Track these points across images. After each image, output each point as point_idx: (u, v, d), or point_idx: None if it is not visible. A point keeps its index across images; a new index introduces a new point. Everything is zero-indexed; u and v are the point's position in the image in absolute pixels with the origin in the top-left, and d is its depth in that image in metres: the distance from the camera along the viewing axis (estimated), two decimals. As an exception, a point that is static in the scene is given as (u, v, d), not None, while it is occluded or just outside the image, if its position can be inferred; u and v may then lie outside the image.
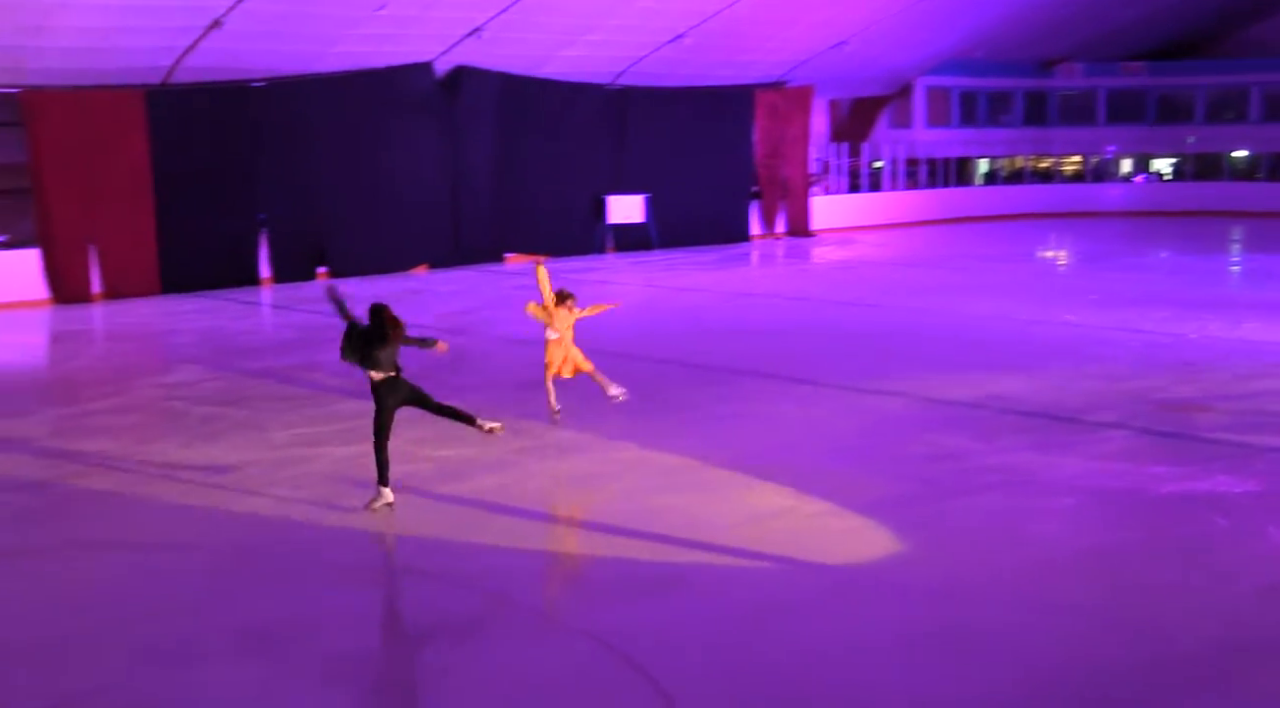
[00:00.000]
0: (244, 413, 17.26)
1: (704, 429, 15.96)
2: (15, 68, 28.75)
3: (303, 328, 25.52)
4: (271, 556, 11.45)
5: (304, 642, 9.30)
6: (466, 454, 14.70)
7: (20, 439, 16.22)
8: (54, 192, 29.88)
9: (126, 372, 21.70)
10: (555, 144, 37.68)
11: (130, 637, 9.53)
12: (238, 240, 32.66)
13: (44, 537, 12.13)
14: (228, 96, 31.98)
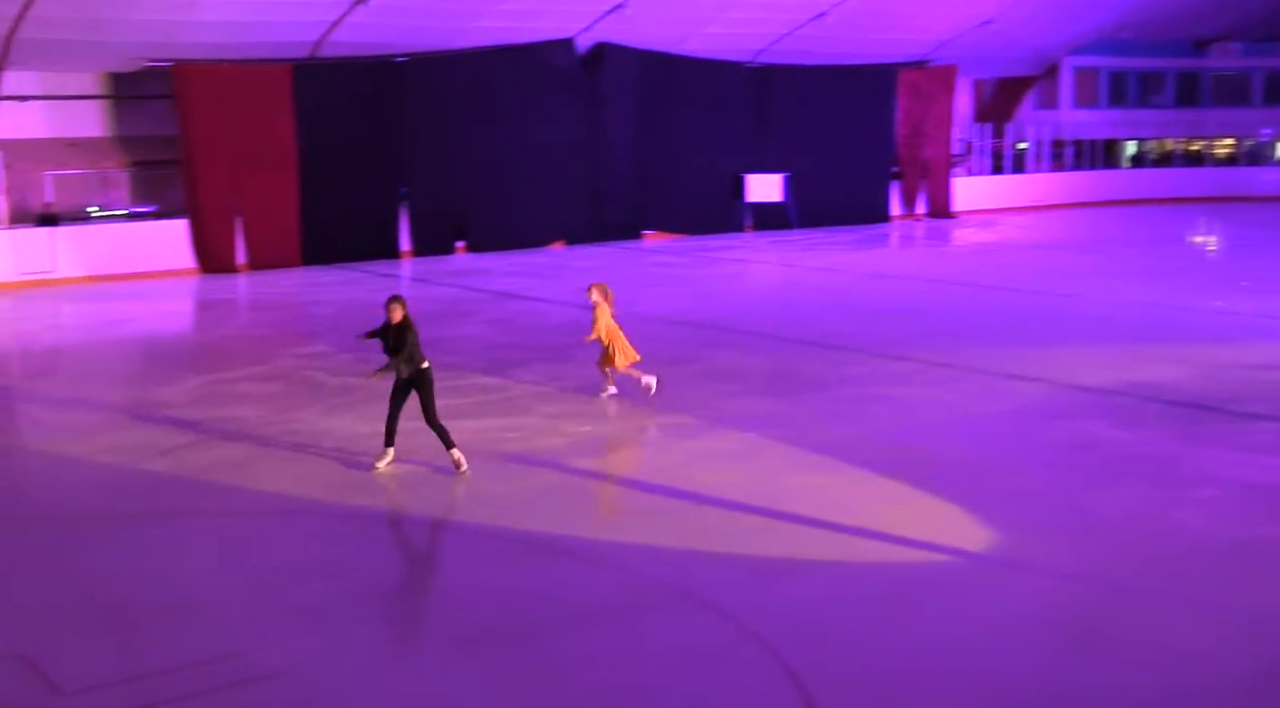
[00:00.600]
0: (381, 385, 17.40)
1: (837, 411, 15.78)
2: (167, 41, 29.38)
3: (441, 301, 25.73)
4: (406, 525, 11.54)
5: (441, 614, 9.35)
6: (601, 431, 14.70)
7: (166, 404, 16.58)
8: (202, 163, 30.52)
9: (268, 341, 22.09)
10: (694, 122, 37.52)
11: (267, 600, 9.67)
12: (379, 213, 33.08)
13: (184, 501, 12.36)
14: (371, 71, 32.37)
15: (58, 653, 8.69)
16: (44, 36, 27.94)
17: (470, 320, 23.14)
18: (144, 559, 10.73)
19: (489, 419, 15.27)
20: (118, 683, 8.28)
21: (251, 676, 8.36)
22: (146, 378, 19.63)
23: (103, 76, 31.76)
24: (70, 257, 29.40)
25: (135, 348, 22.40)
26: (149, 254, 30.43)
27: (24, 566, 10.74)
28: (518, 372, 18.20)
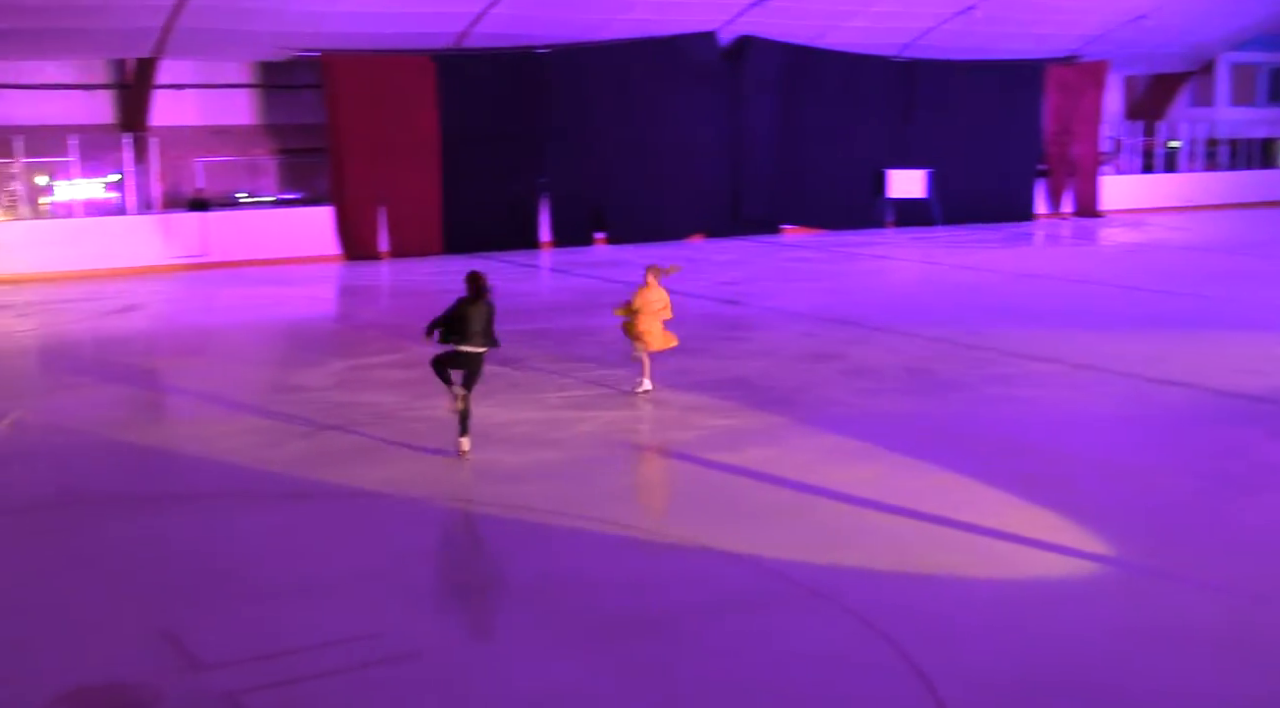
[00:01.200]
0: (519, 373, 17.55)
1: (973, 411, 15.50)
2: (316, 32, 29.90)
3: (580, 291, 25.85)
4: (538, 513, 11.58)
5: (575, 602, 9.36)
6: (734, 425, 14.63)
7: (307, 388, 16.87)
8: (348, 152, 31.03)
9: (408, 328, 22.33)
10: (837, 116, 37.18)
11: (405, 583, 9.76)
12: (519, 203, 33.35)
13: (322, 483, 12.54)
14: (514, 62, 32.62)
15: (198, 629, 8.86)
16: (199, 26, 28.59)
17: (608, 312, 23.12)
18: (282, 539, 10.91)
19: (621, 411, 15.28)
20: (256, 659, 8.42)
21: (388, 656, 8.44)
22: (289, 361, 20.00)
23: (254, 66, 32.45)
24: (219, 241, 30.08)
25: (279, 332, 22.84)
26: (295, 240, 31.02)
27: (168, 542, 10.98)
28: (652, 363, 18.16)
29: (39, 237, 28.97)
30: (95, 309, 24.47)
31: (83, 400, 16.29)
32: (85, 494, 12.26)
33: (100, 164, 30.36)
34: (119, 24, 28.24)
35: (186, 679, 8.10)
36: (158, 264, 29.30)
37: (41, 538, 11.13)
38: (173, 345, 21.43)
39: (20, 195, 29.51)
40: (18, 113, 30.10)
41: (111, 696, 7.93)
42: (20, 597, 9.68)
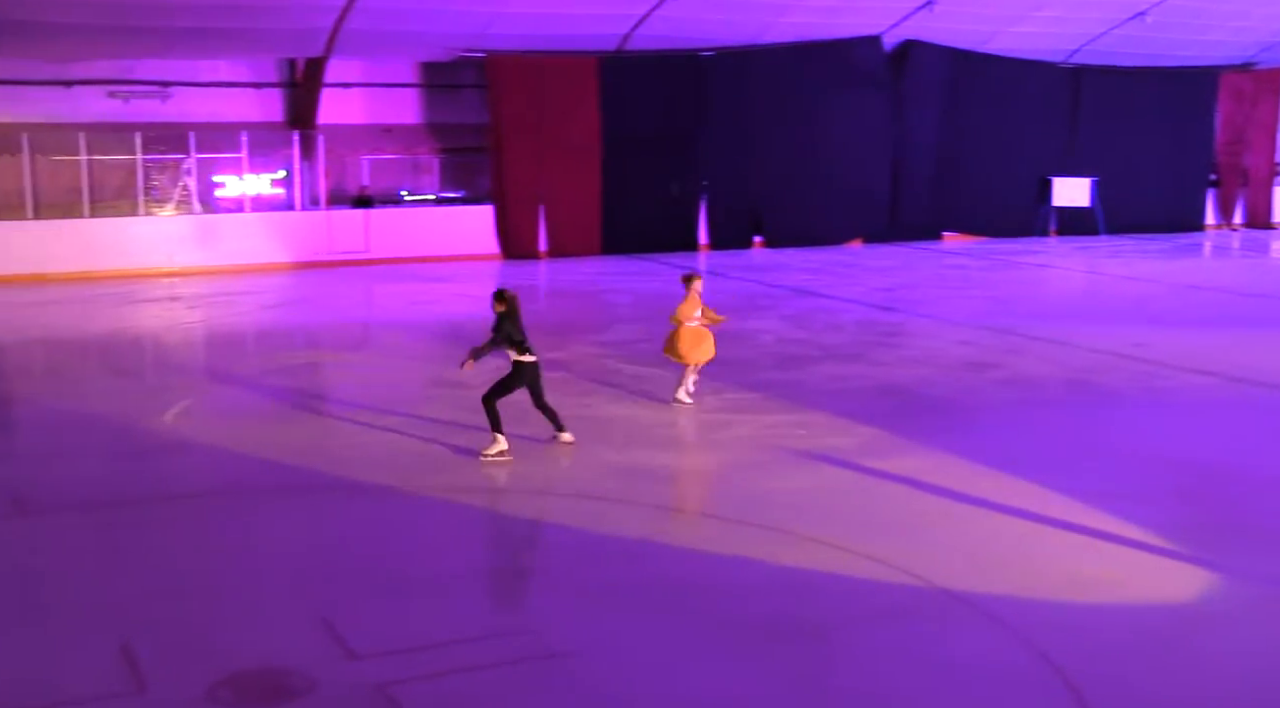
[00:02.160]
0: (674, 375, 17.48)
1: (1135, 425, 15.01)
2: (482, 32, 30.22)
3: (738, 295, 25.71)
4: (698, 518, 11.51)
5: (730, 606, 9.27)
6: (892, 432, 14.40)
7: (463, 385, 16.99)
8: (510, 152, 31.33)
9: (566, 327, 22.44)
10: (1001, 122, 36.49)
11: (561, 580, 9.75)
12: (678, 206, 33.34)
13: (477, 479, 12.61)
14: (677, 65, 32.62)
15: (351, 620, 8.95)
16: (367, 27, 29.06)
17: (764, 315, 23.05)
18: (432, 533, 10.97)
19: (778, 414, 15.14)
20: (409, 651, 8.47)
21: (541, 653, 8.44)
22: (447, 358, 20.18)
23: (419, 65, 32.92)
24: (382, 238, 30.58)
25: (437, 329, 23.10)
26: (455, 238, 31.41)
27: (323, 534, 11.13)
28: (809, 368, 18.02)
29: (208, 231, 29.71)
30: (259, 303, 25.03)
31: (244, 393, 16.64)
32: (243, 485, 12.49)
33: (269, 160, 31.05)
34: (291, 24, 28.84)
35: (339, 668, 8.18)
36: (321, 260, 29.88)
37: (200, 527, 11.36)
38: (333, 340, 21.81)
39: (192, 190, 30.30)
40: (192, 110, 30.93)
41: (267, 681, 8.03)
42: (180, 584, 9.87)
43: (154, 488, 12.37)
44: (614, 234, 32.45)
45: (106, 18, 27.18)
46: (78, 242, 28.50)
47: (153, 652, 8.43)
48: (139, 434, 14.33)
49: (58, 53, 28.81)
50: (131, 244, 28.81)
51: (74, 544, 10.83)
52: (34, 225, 28.45)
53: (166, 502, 11.95)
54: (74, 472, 12.79)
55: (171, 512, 11.75)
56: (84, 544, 10.84)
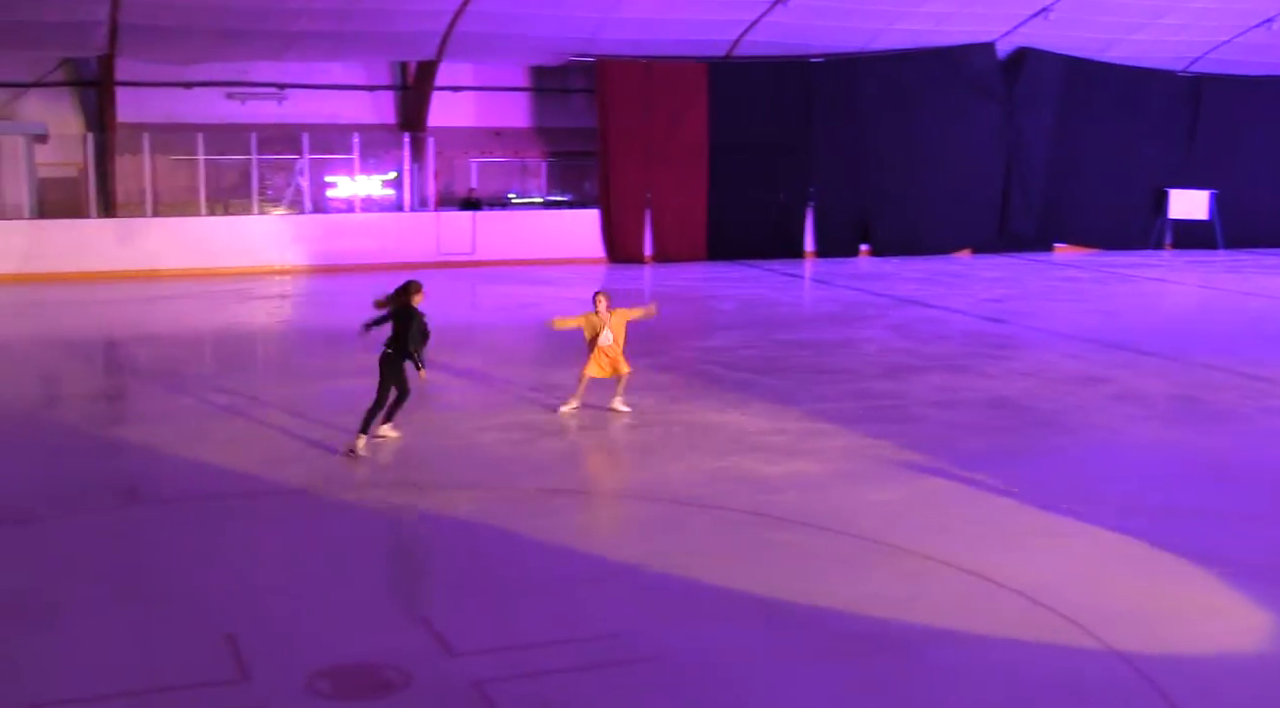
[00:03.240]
0: (776, 382, 17.42)
1: (1246, 444, 14.62)
2: (591, 37, 30.35)
3: (844, 303, 25.57)
4: (792, 525, 11.41)
5: (824, 615, 9.19)
6: (999, 444, 14.20)
7: (564, 388, 17.04)
8: (617, 156, 31.42)
9: (669, 333, 22.43)
10: (1117, 132, 35.83)
11: (651, 585, 9.72)
12: (785, 212, 33.23)
13: (574, 481, 12.62)
14: (786, 71, 32.53)
15: (453, 618, 8.99)
16: (479, 30, 29.33)
17: (870, 325, 22.88)
18: (533, 534, 10.97)
19: (881, 424, 15.00)
20: (503, 650, 8.49)
21: (633, 657, 8.42)
22: (549, 361, 20.26)
23: (529, 69, 33.14)
24: (488, 240, 30.81)
25: (541, 331, 23.16)
26: (561, 242, 31.57)
27: (430, 531, 11.21)
28: (914, 379, 17.83)
29: (319, 230, 30.14)
30: (367, 301, 25.24)
31: (351, 389, 16.80)
32: (347, 481, 12.61)
33: (380, 162, 31.46)
34: (404, 28, 29.18)
35: (436, 664, 8.22)
36: (429, 261, 30.15)
37: (306, 520, 11.49)
38: (437, 340, 21.93)
39: (304, 190, 30.75)
40: (306, 111, 31.42)
41: (365, 675, 8.10)
42: (289, 575, 10.00)
43: (261, 482, 12.54)
44: (719, 240, 32.42)
45: (226, 21, 27.71)
46: (193, 239, 29.06)
47: (255, 642, 8.54)
48: (250, 426, 14.53)
49: (179, 55, 29.39)
50: (245, 242, 29.32)
51: (184, 534, 11.01)
52: (153, 222, 29.03)
53: (273, 495, 12.10)
54: (187, 463, 13.01)
55: (277, 505, 11.91)
56: (193, 535, 11.02)
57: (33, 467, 12.96)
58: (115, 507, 11.76)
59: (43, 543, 10.72)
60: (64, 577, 9.81)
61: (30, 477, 12.55)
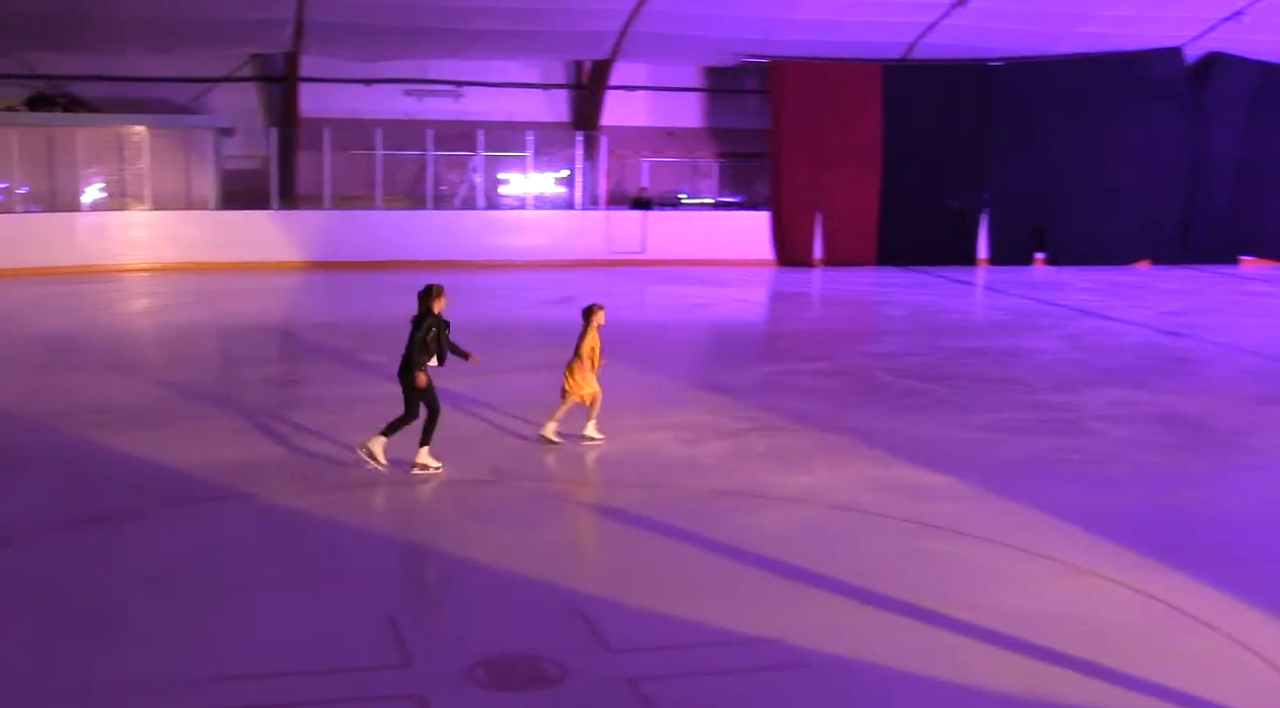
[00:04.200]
0: (945, 391, 17.15)
1: None
2: (765, 38, 30.25)
3: (1016, 312, 25.09)
4: (943, 532, 11.20)
5: (974, 626, 9.00)
6: (1171, 463, 13.78)
7: (729, 389, 17.03)
8: (788, 158, 31.28)
9: (836, 337, 22.30)
10: (1313, 141, 34.48)
11: (804, 588, 9.62)
12: (958, 218, 32.73)
13: (739, 483, 12.55)
14: (963, 75, 32.03)
15: (613, 614, 9.00)
16: (654, 31, 29.43)
17: (1042, 335, 22.40)
18: (695, 535, 10.93)
19: (1051, 438, 14.65)
20: (661, 649, 8.48)
21: (792, 663, 8.33)
22: (715, 361, 20.30)
23: (702, 70, 33.15)
24: (658, 240, 30.89)
25: (707, 332, 23.23)
26: (730, 243, 31.54)
27: (590, 528, 11.24)
28: (1087, 392, 17.39)
29: (492, 227, 30.54)
30: (538, 298, 25.59)
31: (519, 385, 16.98)
32: (528, 472, 12.71)
33: (553, 160, 31.75)
34: (579, 27, 29.42)
35: (593, 660, 8.24)
36: (598, 259, 30.37)
37: (472, 509, 11.62)
38: (605, 338, 22.05)
39: (478, 187, 31.19)
40: (482, 108, 31.88)
41: (522, 666, 8.15)
42: (454, 563, 10.13)
43: (420, 471, 12.69)
44: (890, 245, 32.07)
45: (407, 19, 28.25)
46: (368, 232, 29.66)
47: (418, 628, 8.67)
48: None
49: (361, 53, 30.04)
50: (418, 238, 29.82)
51: (355, 518, 11.21)
52: (331, 215, 29.71)
53: (447, 484, 12.26)
54: (345, 452, 13.24)
55: (446, 493, 12.06)
56: (364, 519, 11.23)
57: (217, 447, 13.32)
58: (290, 490, 12.03)
59: (222, 524, 11.01)
60: (242, 558, 10.06)
61: (212, 458, 12.90)
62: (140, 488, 11.98)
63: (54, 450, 13.21)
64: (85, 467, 12.66)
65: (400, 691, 7.81)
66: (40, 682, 7.87)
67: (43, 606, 9.08)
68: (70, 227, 28.36)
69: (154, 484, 12.07)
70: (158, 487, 11.99)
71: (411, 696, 7.74)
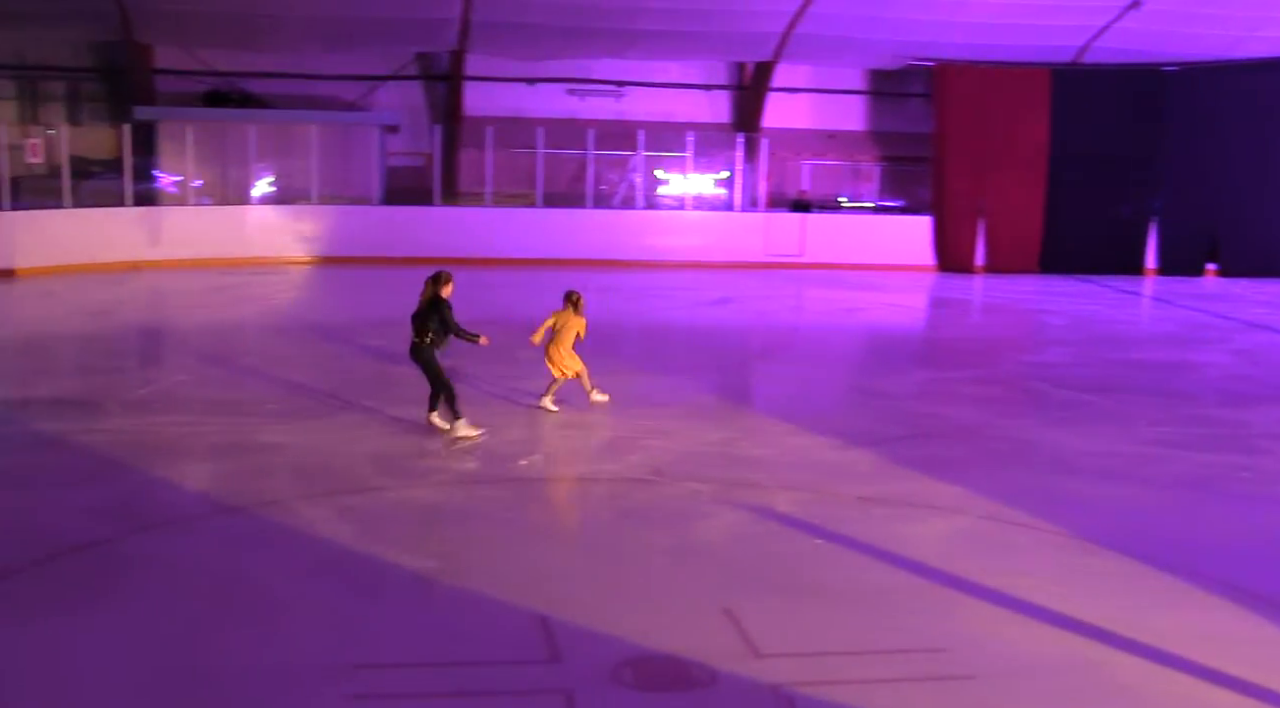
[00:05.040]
0: (1108, 403, 16.71)
1: None
2: (932, 41, 29.87)
3: (1183, 324, 24.40)
4: (1111, 551, 10.91)
5: (1134, 649, 8.75)
6: None
7: (886, 395, 16.83)
8: (952, 163, 30.83)
9: (995, 345, 21.91)
10: None
11: (957, 600, 9.45)
12: (1126, 227, 31.91)
13: (900, 491, 12.37)
14: (1136, 80, 31.20)
15: (763, 618, 8.93)
16: (818, 32, 29.27)
17: (1212, 348, 21.74)
18: (850, 541, 10.82)
19: (1220, 454, 14.19)
20: (811, 656, 8.38)
21: (942, 674, 8.19)
22: (872, 366, 20.08)
23: (866, 72, 32.87)
24: (817, 243, 30.67)
25: (865, 336, 22.99)
26: (890, 248, 31.18)
27: (741, 532, 11.16)
28: (1259, 408, 16.82)
29: (649, 226, 30.62)
30: (694, 298, 25.58)
31: (678, 386, 16.99)
32: (674, 474, 12.69)
33: (712, 161, 31.73)
34: (743, 28, 29.39)
35: (742, 664, 8.18)
36: (756, 261, 30.26)
37: (628, 509, 11.62)
38: (761, 340, 22.02)
39: (637, 187, 31.31)
40: (642, 109, 32.03)
41: (669, 668, 8.12)
42: (602, 561, 10.14)
43: (581, 468, 12.76)
44: (1055, 252, 31.41)
45: (571, 19, 28.50)
46: (528, 230, 29.93)
47: (568, 624, 8.69)
48: (576, 416, 14.82)
49: (525, 52, 30.37)
50: (577, 236, 30.01)
51: (510, 513, 11.31)
52: (493, 213, 30.05)
53: (601, 483, 12.30)
54: (515, 447, 13.36)
55: (604, 491, 12.09)
56: (519, 514, 11.33)
57: (379, 438, 13.54)
58: (448, 482, 12.18)
59: (381, 514, 11.17)
60: (400, 548, 10.19)
61: (374, 448, 13.12)
62: (305, 475, 12.24)
63: (221, 437, 13.54)
64: (251, 454, 12.96)
65: (547, 686, 7.83)
66: (211, 662, 8.07)
67: (213, 588, 9.31)
68: (240, 220, 29.12)
69: (318, 473, 12.33)
70: (321, 475, 12.24)
71: (558, 691, 7.76)
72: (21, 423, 14.15)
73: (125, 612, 8.84)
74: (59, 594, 9.14)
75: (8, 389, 16.06)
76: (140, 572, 9.61)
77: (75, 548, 10.02)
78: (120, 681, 7.81)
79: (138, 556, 9.96)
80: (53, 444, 13.11)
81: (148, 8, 28.05)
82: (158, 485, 11.82)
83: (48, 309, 22.73)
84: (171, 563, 9.80)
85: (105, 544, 10.17)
